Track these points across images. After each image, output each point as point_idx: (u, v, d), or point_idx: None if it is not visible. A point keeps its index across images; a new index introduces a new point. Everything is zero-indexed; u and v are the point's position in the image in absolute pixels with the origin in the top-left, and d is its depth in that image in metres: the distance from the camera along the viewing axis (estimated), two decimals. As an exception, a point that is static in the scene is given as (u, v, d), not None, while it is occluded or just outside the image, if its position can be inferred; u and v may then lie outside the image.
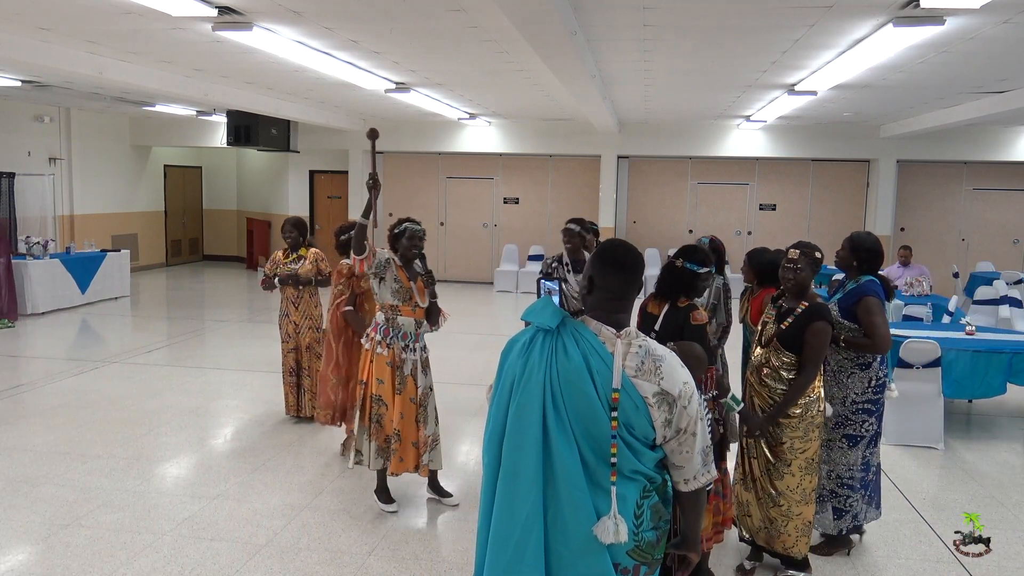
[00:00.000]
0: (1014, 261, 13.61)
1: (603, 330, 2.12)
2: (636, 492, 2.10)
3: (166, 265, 16.59)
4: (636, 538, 2.10)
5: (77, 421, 6.14)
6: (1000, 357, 6.11)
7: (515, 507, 2.09)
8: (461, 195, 15.28)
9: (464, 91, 10.21)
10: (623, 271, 2.17)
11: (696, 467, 2.14)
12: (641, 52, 7.02)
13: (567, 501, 2.06)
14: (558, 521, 2.08)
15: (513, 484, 2.11)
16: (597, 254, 2.22)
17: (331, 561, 4.00)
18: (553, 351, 2.12)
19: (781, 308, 3.80)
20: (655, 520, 2.14)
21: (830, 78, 7.95)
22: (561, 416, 2.07)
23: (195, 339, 9.65)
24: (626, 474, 2.09)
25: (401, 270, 4.43)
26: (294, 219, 6.21)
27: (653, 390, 2.06)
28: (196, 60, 8.13)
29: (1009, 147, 13.25)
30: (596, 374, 2.06)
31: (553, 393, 2.08)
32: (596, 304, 2.18)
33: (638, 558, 2.12)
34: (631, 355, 2.08)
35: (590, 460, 2.07)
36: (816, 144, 13.65)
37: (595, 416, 2.05)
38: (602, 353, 2.08)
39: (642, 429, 2.07)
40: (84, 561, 3.92)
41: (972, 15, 5.36)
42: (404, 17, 5.88)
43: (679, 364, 2.13)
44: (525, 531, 2.07)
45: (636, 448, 2.09)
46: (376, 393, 4.43)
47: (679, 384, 2.08)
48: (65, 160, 13.48)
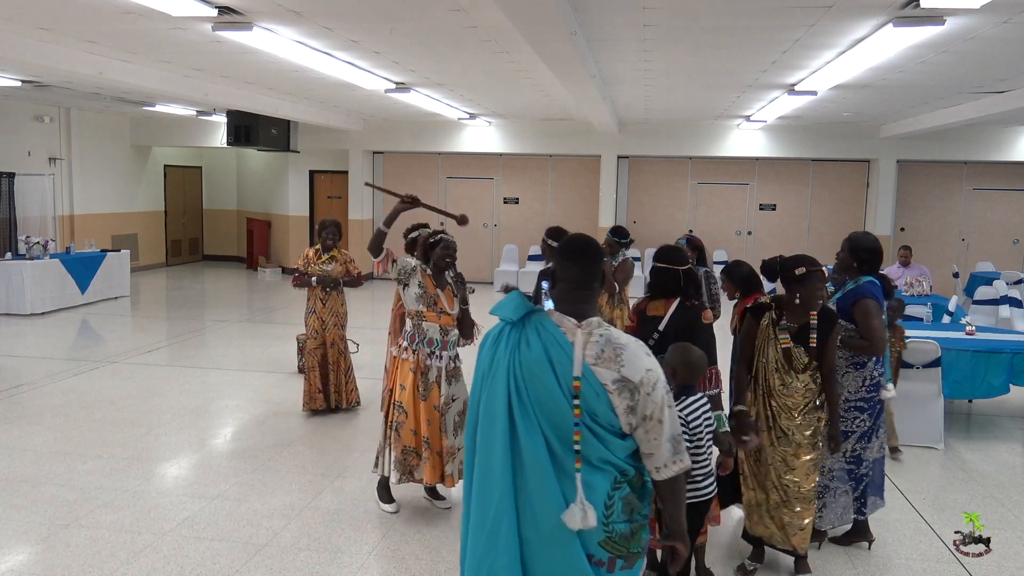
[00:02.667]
0: (1014, 261, 13.61)
1: (565, 321, 2.19)
2: (606, 483, 2.14)
3: (166, 265, 16.59)
4: (607, 529, 2.14)
5: (77, 421, 6.14)
6: (1000, 357, 6.11)
7: (488, 496, 2.17)
8: (461, 195, 15.28)
9: (464, 91, 10.21)
10: (581, 262, 2.26)
11: (666, 455, 2.17)
12: (641, 52, 7.02)
13: (535, 489, 2.12)
14: (528, 509, 2.13)
15: (486, 474, 2.18)
16: (558, 250, 2.32)
17: (331, 561, 4.00)
18: (517, 343, 2.19)
19: (792, 329, 3.68)
20: (627, 512, 2.17)
21: (830, 78, 7.95)
22: (525, 406, 2.14)
23: (195, 339, 9.64)
24: (595, 463, 2.13)
25: (428, 277, 4.43)
26: (334, 220, 6.48)
27: (613, 377, 2.11)
28: (196, 60, 8.13)
29: (1009, 147, 13.25)
30: (556, 363, 2.13)
31: (517, 384, 2.15)
32: (560, 296, 2.27)
33: (611, 550, 2.16)
34: (591, 344, 2.15)
35: (557, 449, 2.12)
36: (816, 144, 13.65)
37: (557, 405, 2.11)
38: (562, 343, 2.15)
39: (606, 417, 2.12)
40: (84, 561, 3.92)
41: (972, 15, 5.36)
42: (404, 17, 5.88)
43: (643, 353, 2.18)
44: (497, 519, 2.14)
45: (603, 436, 2.13)
46: (398, 400, 4.42)
47: (641, 371, 2.13)
48: (65, 160, 13.48)
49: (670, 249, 3.87)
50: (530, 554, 2.14)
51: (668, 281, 3.73)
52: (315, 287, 6.30)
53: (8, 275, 10.55)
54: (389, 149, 15.07)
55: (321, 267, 6.30)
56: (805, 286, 3.60)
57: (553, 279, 2.29)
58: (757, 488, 3.86)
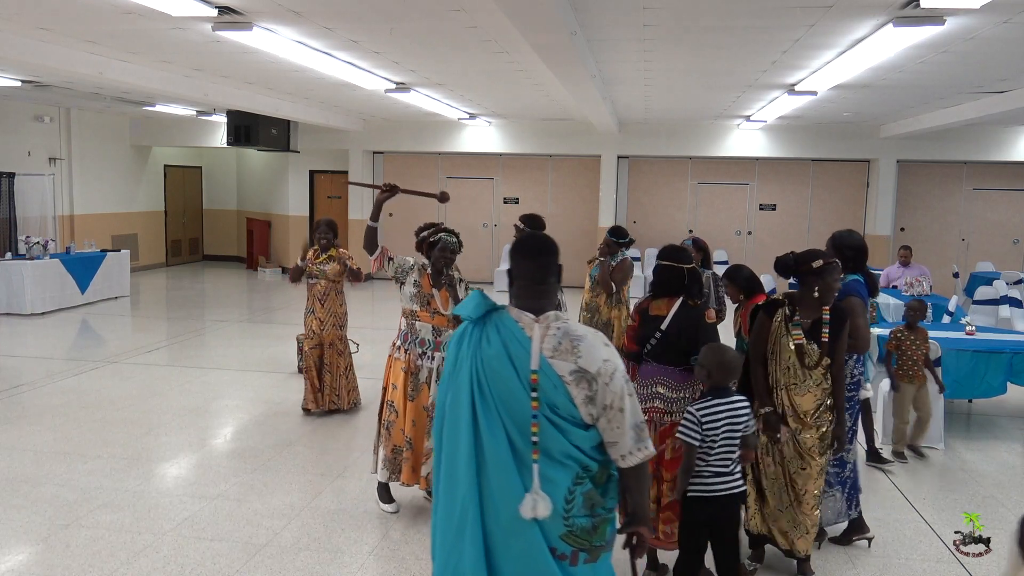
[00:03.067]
0: (1014, 261, 13.61)
1: (523, 316, 2.26)
2: (567, 478, 2.19)
3: (166, 265, 16.59)
4: (568, 523, 2.19)
5: (77, 421, 6.14)
6: (1000, 357, 6.11)
7: (454, 490, 2.23)
8: (461, 195, 15.27)
9: (464, 91, 10.21)
10: (535, 258, 2.32)
11: (629, 443, 2.22)
12: (641, 52, 7.02)
13: (496, 482, 2.18)
14: (491, 502, 2.19)
15: (452, 469, 2.24)
16: (513, 247, 2.38)
17: (331, 561, 4.00)
18: (478, 341, 2.25)
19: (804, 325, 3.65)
20: (588, 507, 2.22)
21: (830, 78, 7.95)
22: (487, 401, 2.20)
23: (195, 339, 9.64)
24: (556, 456, 2.18)
25: (427, 277, 4.41)
26: (328, 220, 6.43)
27: (570, 368, 2.17)
28: (196, 60, 8.13)
29: (1009, 147, 13.25)
30: (515, 358, 2.19)
31: (479, 380, 2.21)
32: (517, 293, 2.32)
33: (573, 543, 2.21)
34: (549, 337, 2.21)
35: (518, 442, 2.18)
36: (816, 144, 13.65)
37: (517, 399, 2.17)
38: (520, 338, 2.22)
39: (566, 408, 2.18)
40: (84, 561, 3.92)
41: (972, 15, 5.36)
42: (404, 17, 5.88)
43: (601, 343, 2.23)
44: (463, 512, 2.20)
45: (564, 428, 2.18)
46: (390, 399, 4.42)
47: (598, 362, 2.18)
48: (65, 160, 13.48)
49: (675, 248, 3.88)
50: (494, 546, 2.21)
51: (672, 279, 3.74)
52: (314, 284, 6.28)
53: (8, 275, 10.55)
54: (389, 149, 15.07)
55: (319, 267, 6.29)
56: (823, 279, 3.59)
57: (510, 277, 2.35)
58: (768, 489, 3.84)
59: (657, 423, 3.70)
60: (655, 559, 3.89)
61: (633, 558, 2.43)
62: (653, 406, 3.72)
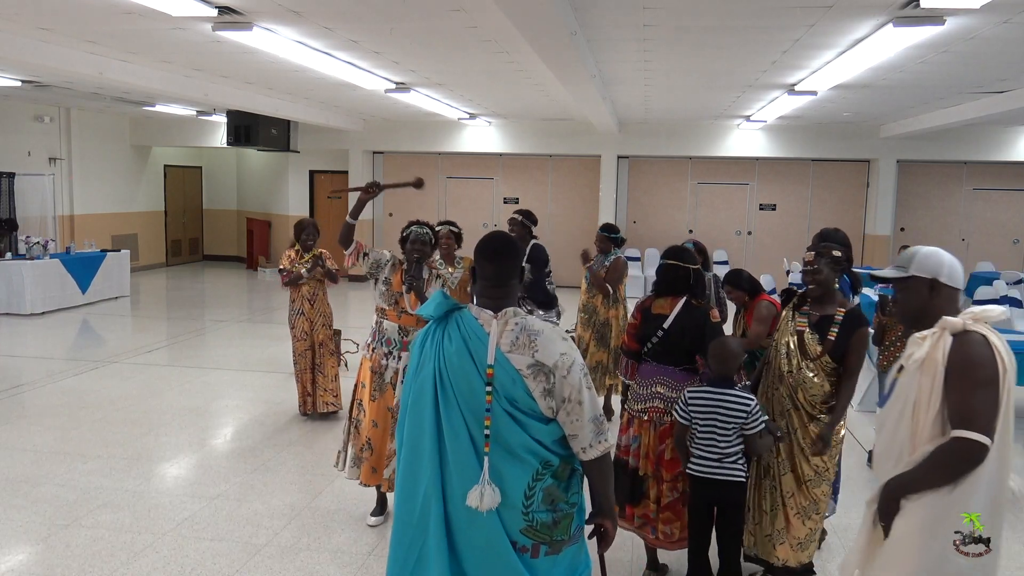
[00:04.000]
0: (1014, 261, 13.61)
1: (482, 314, 2.32)
2: (527, 472, 2.24)
3: (166, 265, 16.59)
4: (527, 518, 2.24)
5: (77, 421, 6.14)
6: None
7: (416, 484, 2.28)
8: (461, 195, 15.28)
9: (464, 91, 10.21)
10: (496, 260, 2.37)
11: (589, 436, 2.27)
12: (641, 52, 7.02)
13: (456, 475, 2.23)
14: (452, 494, 2.24)
15: (414, 463, 2.30)
16: (476, 248, 2.42)
17: (331, 561, 4.00)
18: (441, 339, 2.31)
19: (812, 317, 3.61)
20: (548, 503, 2.27)
21: (830, 78, 7.95)
22: (448, 397, 2.25)
23: (195, 339, 9.65)
24: (515, 451, 2.22)
25: (399, 274, 4.32)
26: (312, 220, 6.43)
27: (527, 362, 2.22)
28: (196, 60, 8.13)
29: (1009, 147, 13.25)
30: (475, 353, 2.25)
31: (441, 376, 2.27)
32: (479, 291, 2.40)
33: (533, 537, 2.27)
34: (507, 332, 2.27)
35: (476, 436, 2.23)
36: (816, 144, 13.65)
37: (476, 393, 2.23)
38: (479, 335, 2.27)
39: (525, 402, 2.23)
40: (84, 561, 3.92)
41: (972, 15, 5.36)
42: (404, 17, 5.88)
43: (558, 338, 2.29)
44: (425, 504, 2.26)
45: (523, 421, 2.23)
46: (359, 398, 4.38)
47: (555, 355, 2.24)
48: (65, 160, 13.48)
49: (680, 248, 3.90)
50: (457, 538, 2.26)
51: (677, 279, 3.74)
52: (301, 285, 6.19)
53: (8, 275, 10.55)
54: (389, 149, 15.07)
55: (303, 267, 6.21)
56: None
57: (474, 276, 2.41)
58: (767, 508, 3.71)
59: (656, 423, 3.69)
60: (655, 559, 3.89)
61: (600, 551, 2.48)
62: (652, 406, 3.71)
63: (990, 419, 2.22)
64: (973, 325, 2.28)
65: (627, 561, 4.05)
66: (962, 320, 2.30)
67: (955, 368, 2.25)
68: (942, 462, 2.24)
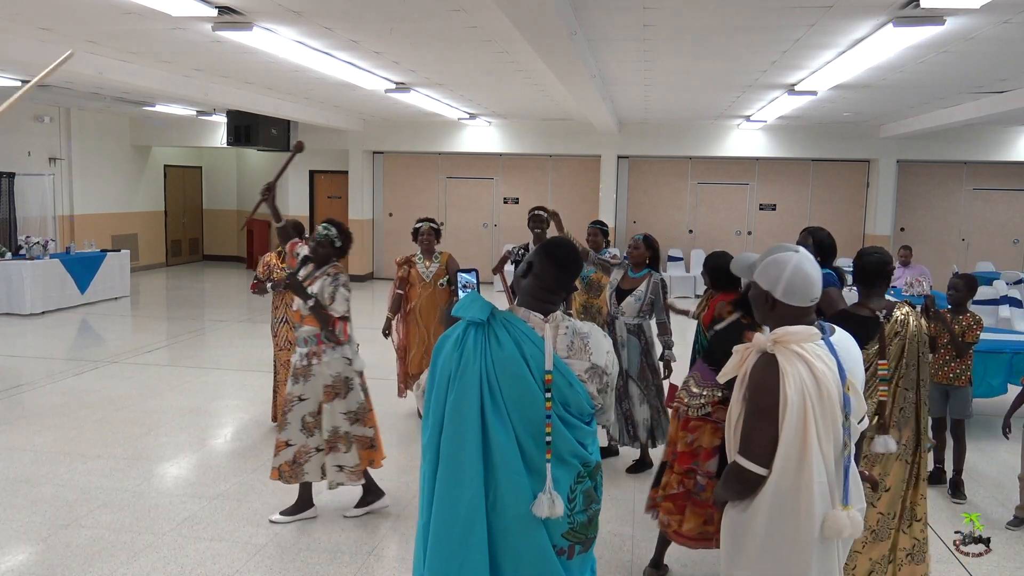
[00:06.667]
0: (1014, 261, 13.61)
1: (531, 317, 2.25)
2: (570, 477, 2.22)
3: (166, 265, 16.59)
4: (570, 521, 2.24)
5: (77, 421, 6.13)
6: (1000, 357, 6.11)
7: (458, 496, 2.19)
8: (461, 195, 15.28)
9: (464, 91, 10.21)
10: (562, 268, 2.31)
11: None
12: (641, 52, 7.02)
13: (505, 485, 2.16)
14: (497, 505, 2.18)
15: (455, 474, 2.20)
16: (544, 247, 2.35)
17: (331, 561, 4.00)
18: (486, 342, 2.21)
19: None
20: (586, 504, 2.28)
21: (830, 78, 7.95)
22: (498, 404, 2.17)
23: (195, 339, 9.64)
24: (565, 457, 2.20)
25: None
26: (295, 222, 5.87)
27: (585, 367, 2.23)
28: (196, 60, 8.13)
29: (1009, 147, 13.25)
30: (530, 359, 2.18)
31: (489, 382, 2.17)
32: (528, 290, 2.31)
33: (572, 539, 2.27)
34: (560, 337, 2.23)
35: (528, 446, 2.17)
36: (816, 144, 13.65)
37: (532, 400, 2.16)
38: (533, 338, 2.20)
39: (577, 405, 2.21)
40: (84, 561, 3.92)
41: (972, 15, 5.36)
42: (404, 17, 5.88)
43: (601, 335, 2.31)
44: (469, 517, 2.17)
45: (572, 424, 2.22)
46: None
47: (604, 356, 2.28)
48: (65, 160, 13.48)
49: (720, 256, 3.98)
50: (497, 549, 2.21)
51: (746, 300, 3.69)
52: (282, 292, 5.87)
53: (8, 275, 10.55)
54: (389, 149, 15.07)
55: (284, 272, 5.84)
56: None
57: (528, 269, 2.31)
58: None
59: (681, 414, 3.75)
60: (660, 557, 3.89)
61: None
62: (679, 397, 3.78)
63: (763, 447, 2.14)
64: (773, 347, 2.16)
65: (627, 561, 4.05)
66: (766, 340, 2.19)
67: (747, 389, 2.22)
68: (724, 481, 2.26)
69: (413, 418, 6.41)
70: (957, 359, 5.06)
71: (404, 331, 6.29)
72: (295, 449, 4.34)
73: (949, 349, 5.04)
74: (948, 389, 5.12)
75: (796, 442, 2.12)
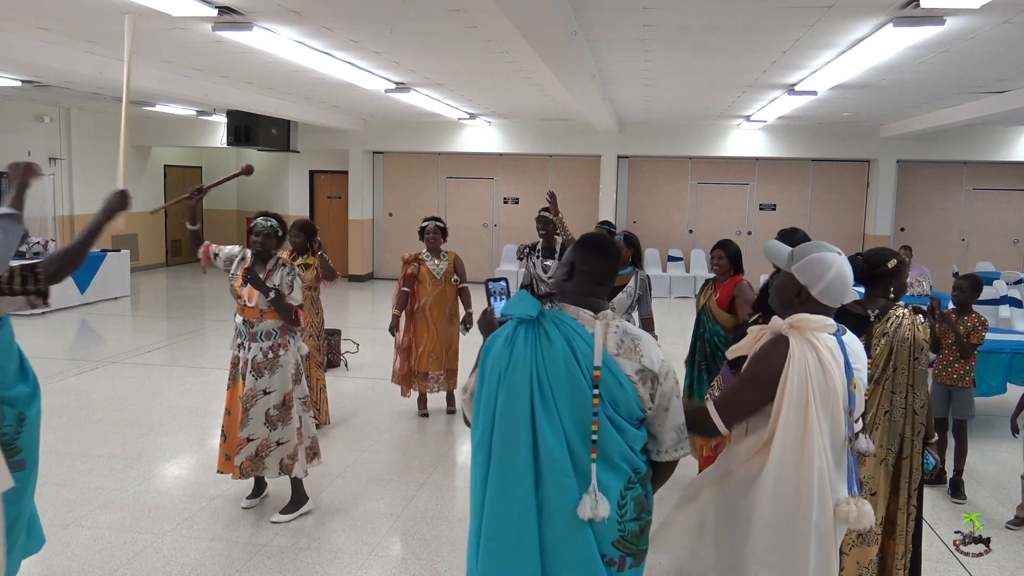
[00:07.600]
0: (1014, 261, 13.61)
1: (581, 313, 2.20)
2: (620, 482, 2.15)
3: (166, 265, 16.59)
4: (620, 528, 2.15)
5: (77, 421, 6.13)
6: (1000, 357, 6.10)
7: (510, 498, 2.13)
8: (461, 195, 15.28)
9: (464, 91, 10.21)
10: (607, 255, 2.29)
11: (669, 442, 2.22)
12: (641, 52, 7.02)
13: (552, 486, 2.11)
14: (544, 508, 2.12)
15: (506, 476, 2.15)
16: (581, 243, 2.32)
17: (331, 561, 4.00)
18: (536, 339, 2.17)
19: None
20: (638, 511, 2.19)
21: (830, 78, 7.95)
22: (548, 403, 2.12)
23: (195, 339, 9.64)
24: (613, 459, 2.13)
25: (245, 269, 4.36)
26: (301, 222, 5.86)
27: (635, 367, 2.14)
28: (196, 60, 8.13)
29: (1009, 147, 13.25)
30: (580, 356, 2.13)
31: (540, 380, 2.13)
32: (576, 288, 2.26)
33: (623, 549, 2.17)
34: (610, 335, 2.17)
35: (576, 446, 2.12)
36: (816, 144, 13.65)
37: (583, 397, 2.11)
38: (584, 335, 2.15)
39: (627, 407, 2.14)
40: (84, 561, 3.92)
41: (972, 15, 5.36)
42: (404, 17, 5.88)
43: (655, 344, 2.23)
44: (522, 521, 2.12)
45: (621, 426, 2.14)
46: None
47: (658, 362, 2.18)
48: (65, 160, 13.48)
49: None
50: (547, 556, 2.14)
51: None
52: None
53: (8, 275, 10.53)
54: (389, 149, 15.07)
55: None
56: (898, 278, 3.37)
57: (571, 270, 2.28)
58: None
59: None
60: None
61: None
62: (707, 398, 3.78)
63: (737, 409, 2.27)
64: (788, 331, 2.25)
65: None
66: (783, 323, 2.29)
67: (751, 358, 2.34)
68: (689, 414, 2.30)
69: (414, 419, 6.41)
70: (961, 360, 5.06)
71: (410, 329, 6.29)
72: (257, 444, 4.35)
73: (953, 350, 5.04)
74: (951, 390, 5.12)
75: (796, 429, 2.17)
